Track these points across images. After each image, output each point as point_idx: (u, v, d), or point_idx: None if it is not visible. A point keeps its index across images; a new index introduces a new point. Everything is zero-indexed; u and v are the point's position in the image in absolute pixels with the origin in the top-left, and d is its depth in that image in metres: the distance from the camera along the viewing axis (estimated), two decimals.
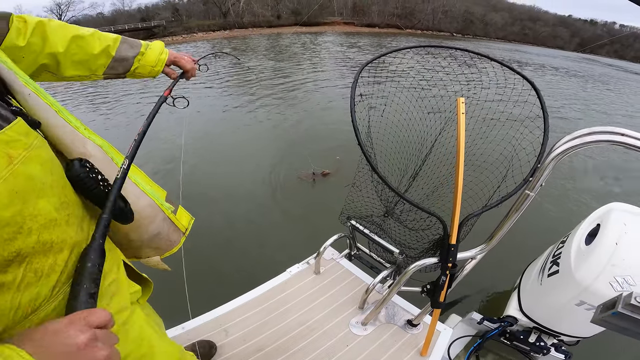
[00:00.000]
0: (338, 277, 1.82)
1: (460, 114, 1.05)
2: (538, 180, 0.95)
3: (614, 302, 0.53)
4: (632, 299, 0.49)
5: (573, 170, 4.72)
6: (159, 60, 0.97)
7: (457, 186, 1.02)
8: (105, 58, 0.84)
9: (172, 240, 0.80)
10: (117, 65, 0.87)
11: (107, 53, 0.84)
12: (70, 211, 0.48)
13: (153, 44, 0.96)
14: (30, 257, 0.41)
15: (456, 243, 1.07)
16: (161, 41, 0.99)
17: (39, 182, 0.43)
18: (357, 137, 1.05)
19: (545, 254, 1.81)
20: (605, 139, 0.85)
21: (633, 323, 0.50)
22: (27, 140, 0.43)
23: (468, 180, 1.23)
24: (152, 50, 0.95)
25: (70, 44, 0.75)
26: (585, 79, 15.97)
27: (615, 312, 0.51)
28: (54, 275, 0.45)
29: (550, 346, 1.63)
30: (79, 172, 0.52)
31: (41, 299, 0.44)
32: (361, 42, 23.73)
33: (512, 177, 1.09)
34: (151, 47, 0.95)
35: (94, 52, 0.80)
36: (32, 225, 0.41)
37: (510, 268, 2.47)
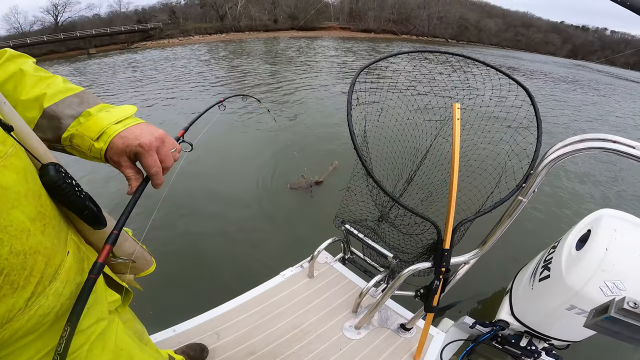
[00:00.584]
0: (332, 280, 1.82)
1: (455, 120, 1.06)
2: (531, 187, 0.96)
3: (607, 306, 0.53)
4: (625, 304, 0.50)
5: (565, 176, 4.79)
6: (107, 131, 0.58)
7: (452, 191, 1.03)
8: (36, 111, 0.57)
9: (147, 260, 0.78)
10: (44, 125, 0.57)
11: (39, 104, 0.57)
12: (46, 221, 0.46)
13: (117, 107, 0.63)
14: (6, 269, 0.40)
15: (450, 248, 1.07)
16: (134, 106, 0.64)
17: (13, 192, 0.41)
18: (353, 142, 1.06)
19: (537, 259, 1.83)
20: (597, 146, 0.86)
21: (626, 327, 0.51)
22: (3, 148, 0.41)
23: (462, 186, 1.24)
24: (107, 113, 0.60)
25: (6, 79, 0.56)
26: (577, 85, 16.28)
27: (608, 316, 0.52)
28: (29, 287, 0.44)
29: (541, 350, 1.64)
30: (55, 178, 0.48)
31: (16, 310, 0.43)
32: (357, 48, 23.93)
33: (506, 183, 1.10)
34: (108, 110, 0.61)
35: (21, 97, 0.56)
36: (2, 236, 0.39)
37: (502, 272, 2.49)
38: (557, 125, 7.64)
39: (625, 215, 1.61)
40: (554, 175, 4.70)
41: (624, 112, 11.13)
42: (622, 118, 10.07)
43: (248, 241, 3.03)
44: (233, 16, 47.85)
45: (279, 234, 3.14)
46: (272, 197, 3.73)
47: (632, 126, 9.10)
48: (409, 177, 1.47)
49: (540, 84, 14.53)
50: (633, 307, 0.49)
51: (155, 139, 0.59)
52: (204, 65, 14.79)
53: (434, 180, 1.43)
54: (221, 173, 4.30)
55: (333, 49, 22.02)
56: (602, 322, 0.53)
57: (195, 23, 45.74)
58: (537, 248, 2.00)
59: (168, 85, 10.52)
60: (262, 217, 3.38)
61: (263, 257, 2.79)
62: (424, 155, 1.43)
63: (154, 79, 11.93)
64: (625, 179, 5.01)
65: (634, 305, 0.49)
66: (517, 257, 2.29)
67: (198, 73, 12.60)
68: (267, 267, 2.03)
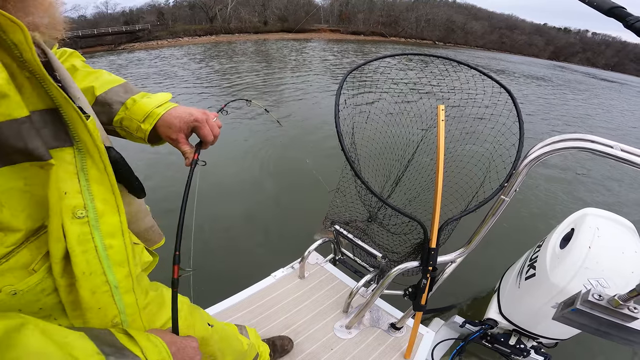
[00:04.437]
0: (323, 281, 1.83)
1: (440, 121, 1.08)
2: (512, 186, 0.99)
3: (574, 299, 0.55)
4: (590, 296, 0.52)
5: (548, 176, 4.91)
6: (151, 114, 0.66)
7: (437, 191, 1.05)
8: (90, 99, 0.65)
9: (160, 234, 0.83)
10: (98, 111, 0.65)
11: (91, 93, 0.66)
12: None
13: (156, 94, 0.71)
14: None
15: (436, 247, 1.09)
16: (169, 93, 0.73)
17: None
18: (340, 143, 1.07)
19: (523, 258, 1.87)
20: (575, 146, 0.89)
21: (590, 319, 0.53)
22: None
23: (448, 186, 1.26)
24: (149, 99, 0.69)
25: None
26: (559, 86, 16.74)
27: (574, 308, 0.54)
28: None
29: (530, 348, 1.65)
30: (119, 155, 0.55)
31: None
32: (346, 49, 24.07)
33: (489, 182, 1.13)
34: (149, 96, 0.70)
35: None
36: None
37: (491, 271, 2.53)
38: (539, 125, 7.83)
39: (607, 214, 1.67)
40: (540, 174, 4.81)
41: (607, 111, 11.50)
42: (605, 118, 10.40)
43: (239, 242, 3.01)
44: (223, 18, 47.59)
45: (269, 234, 3.13)
46: (262, 198, 3.72)
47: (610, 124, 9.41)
48: (397, 177, 1.49)
49: (523, 85, 14.90)
50: (598, 299, 0.51)
51: (202, 113, 0.70)
52: (196, 67, 14.64)
53: (421, 181, 1.46)
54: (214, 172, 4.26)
55: (323, 50, 22.13)
56: (569, 314, 0.55)
57: (185, 25, 45.29)
58: (524, 247, 2.04)
59: (161, 88, 10.38)
60: (251, 217, 3.37)
61: (254, 258, 2.78)
62: (411, 156, 1.45)
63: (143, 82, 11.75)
64: (612, 178, 5.16)
65: (599, 298, 0.52)
66: (505, 256, 2.33)
67: (191, 75, 12.46)
68: (258, 268, 2.02)
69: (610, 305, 0.50)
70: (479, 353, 1.91)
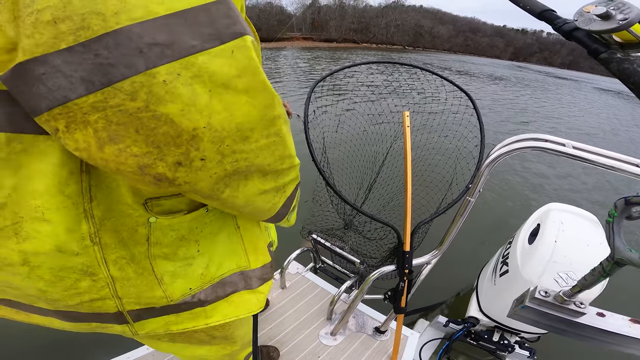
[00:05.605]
0: (304, 290, 1.82)
1: (405, 127, 1.12)
2: (476, 187, 1.03)
3: (524, 297, 0.59)
4: (537, 293, 0.55)
5: (515, 173, 5.16)
6: None
7: (407, 196, 1.08)
8: None
9: None
10: None
11: None
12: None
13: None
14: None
15: (410, 250, 1.12)
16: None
17: None
18: (311, 154, 1.08)
19: (496, 255, 1.92)
20: (531, 145, 0.93)
21: (540, 316, 0.56)
22: None
23: (420, 190, 1.30)
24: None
25: None
26: (521, 86, 17.75)
27: (523, 306, 0.57)
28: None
29: (514, 344, 1.68)
30: None
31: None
32: (319, 56, 24.37)
33: (456, 184, 1.17)
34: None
35: None
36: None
37: (471, 270, 2.60)
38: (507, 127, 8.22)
39: (570, 208, 1.75)
40: (507, 172, 5.05)
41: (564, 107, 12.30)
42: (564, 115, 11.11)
43: None
44: None
45: None
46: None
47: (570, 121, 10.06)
48: (369, 184, 1.52)
49: (485, 85, 15.67)
50: (544, 296, 0.55)
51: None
52: None
53: (393, 186, 1.49)
54: None
55: (296, 59, 22.25)
56: (520, 311, 0.58)
57: None
58: (497, 244, 2.10)
59: None
60: None
61: None
62: (381, 163, 1.49)
63: None
64: (571, 173, 5.49)
65: (545, 294, 0.55)
66: (481, 254, 2.40)
67: None
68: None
69: (557, 302, 0.54)
70: (467, 351, 1.94)
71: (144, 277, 0.52)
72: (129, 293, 0.52)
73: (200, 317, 0.62)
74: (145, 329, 0.59)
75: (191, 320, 0.62)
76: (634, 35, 0.40)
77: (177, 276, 0.55)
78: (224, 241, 0.61)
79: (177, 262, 0.54)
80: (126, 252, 0.49)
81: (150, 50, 0.28)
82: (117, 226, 0.47)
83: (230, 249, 0.62)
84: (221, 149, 0.34)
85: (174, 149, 0.32)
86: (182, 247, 0.53)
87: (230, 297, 0.65)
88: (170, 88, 0.30)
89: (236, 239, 0.63)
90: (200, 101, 0.31)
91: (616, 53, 0.42)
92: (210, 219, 0.56)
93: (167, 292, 0.55)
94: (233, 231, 0.62)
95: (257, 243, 0.67)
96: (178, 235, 0.52)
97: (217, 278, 0.61)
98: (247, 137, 0.36)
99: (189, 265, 0.55)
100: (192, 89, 0.30)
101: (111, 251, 0.48)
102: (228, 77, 0.32)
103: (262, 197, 0.46)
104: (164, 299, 0.55)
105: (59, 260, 0.44)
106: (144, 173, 0.33)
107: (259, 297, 0.70)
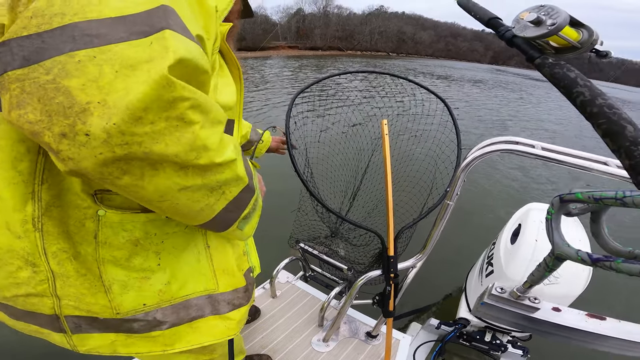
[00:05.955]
0: (295, 298, 1.83)
1: (384, 135, 1.15)
2: (454, 190, 1.07)
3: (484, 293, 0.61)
4: (494, 289, 0.58)
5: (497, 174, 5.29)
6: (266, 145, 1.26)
7: (388, 202, 1.11)
8: (243, 139, 1.09)
9: None
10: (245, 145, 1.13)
11: (245, 136, 1.10)
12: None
13: (265, 134, 1.22)
14: None
15: (395, 254, 1.14)
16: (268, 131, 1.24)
17: None
18: (293, 165, 1.10)
19: (482, 256, 1.96)
20: (502, 148, 0.97)
21: (499, 312, 0.59)
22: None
23: (403, 195, 1.33)
24: (266, 138, 1.23)
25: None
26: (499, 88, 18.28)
27: (483, 302, 0.59)
28: None
29: (506, 343, 1.68)
30: None
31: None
32: (305, 64, 24.57)
33: (436, 189, 1.21)
34: (264, 136, 1.21)
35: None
36: None
37: (461, 272, 2.63)
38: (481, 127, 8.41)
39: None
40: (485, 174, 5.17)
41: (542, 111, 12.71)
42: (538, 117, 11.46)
43: None
44: None
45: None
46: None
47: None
48: (353, 192, 1.55)
49: (466, 89, 16.09)
50: (500, 292, 0.57)
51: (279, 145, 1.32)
52: None
53: (377, 193, 1.52)
54: None
55: (282, 68, 22.38)
56: (480, 308, 0.60)
57: None
58: (482, 245, 2.14)
59: None
60: None
61: None
62: (364, 171, 1.52)
63: None
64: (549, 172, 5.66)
65: (501, 290, 0.58)
66: (469, 256, 2.43)
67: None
68: None
69: (512, 298, 0.56)
70: (462, 352, 1.94)
71: (86, 279, 0.50)
72: (68, 293, 0.50)
73: (158, 342, 0.59)
74: (87, 345, 0.55)
75: (147, 344, 0.58)
76: (565, 40, 0.41)
77: (130, 288, 0.52)
78: (191, 260, 0.58)
79: (132, 273, 0.52)
80: (69, 245, 0.48)
81: (81, 39, 0.32)
82: (63, 216, 0.47)
83: (196, 269, 0.60)
84: (107, 126, 0.33)
85: (62, 119, 0.33)
86: (137, 255, 0.51)
87: (195, 323, 0.62)
88: (80, 66, 0.32)
89: (204, 259, 0.61)
90: (104, 79, 0.33)
91: (548, 58, 0.42)
92: (174, 229, 0.54)
93: (113, 303, 0.52)
94: (202, 250, 0.60)
95: (227, 265, 0.64)
96: (131, 237, 0.50)
97: (180, 298, 0.58)
98: (140, 117, 0.34)
99: (146, 278, 0.53)
100: (100, 68, 0.33)
101: (52, 241, 0.47)
102: (138, 61, 0.34)
103: (186, 194, 0.43)
104: (109, 310, 0.52)
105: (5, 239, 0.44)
106: (38, 142, 0.35)
107: (228, 325, 0.66)
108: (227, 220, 0.53)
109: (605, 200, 0.43)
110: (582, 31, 0.41)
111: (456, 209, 1.05)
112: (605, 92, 0.36)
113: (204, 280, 0.61)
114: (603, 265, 0.44)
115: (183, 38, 0.37)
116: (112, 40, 0.33)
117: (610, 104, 0.33)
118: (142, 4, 0.35)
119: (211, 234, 0.61)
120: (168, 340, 0.60)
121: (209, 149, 0.41)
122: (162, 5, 0.36)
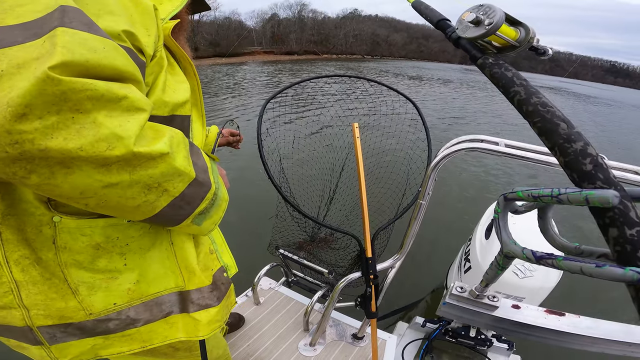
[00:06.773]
0: (279, 304, 1.81)
1: (356, 138, 1.16)
2: (425, 190, 1.09)
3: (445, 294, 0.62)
4: (454, 289, 0.60)
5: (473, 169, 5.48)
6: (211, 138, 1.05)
7: (363, 204, 1.12)
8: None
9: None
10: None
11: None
12: None
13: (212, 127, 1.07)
14: None
15: (373, 256, 1.16)
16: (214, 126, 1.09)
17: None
18: (267, 172, 1.09)
19: (460, 253, 2.00)
20: (469, 147, 0.99)
21: (462, 311, 0.60)
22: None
23: (380, 196, 1.35)
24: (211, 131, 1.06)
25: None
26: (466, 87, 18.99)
27: (444, 302, 0.61)
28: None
29: (491, 337, 1.70)
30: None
31: None
32: (280, 69, 24.55)
33: (410, 189, 1.23)
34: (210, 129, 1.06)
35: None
36: None
37: (443, 268, 2.68)
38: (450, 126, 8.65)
39: None
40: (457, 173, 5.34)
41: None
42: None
43: None
44: None
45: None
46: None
47: None
48: (330, 196, 1.55)
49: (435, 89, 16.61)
50: (460, 292, 0.59)
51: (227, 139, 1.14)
52: None
53: (353, 196, 1.53)
54: None
55: (258, 73, 22.25)
56: (443, 307, 0.62)
57: None
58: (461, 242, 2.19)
59: None
60: None
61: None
62: (339, 175, 1.53)
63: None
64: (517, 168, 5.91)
65: (461, 290, 0.59)
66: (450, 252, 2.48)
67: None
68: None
69: (472, 297, 0.58)
70: (449, 349, 1.93)
71: (52, 283, 0.49)
72: (36, 302, 0.49)
73: (136, 339, 0.59)
74: (68, 355, 0.55)
75: (125, 343, 0.59)
76: (503, 39, 0.41)
77: (97, 288, 0.52)
78: (158, 258, 0.59)
79: (97, 274, 0.52)
80: (30, 251, 0.47)
81: None
82: (20, 224, 0.46)
83: (165, 267, 0.60)
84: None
85: None
86: (101, 257, 0.51)
87: (171, 318, 0.63)
88: None
89: (170, 256, 0.61)
90: None
91: (489, 58, 0.42)
92: (139, 232, 0.54)
93: (84, 304, 0.52)
94: (167, 247, 0.60)
95: (188, 262, 0.64)
96: (91, 242, 0.50)
97: (151, 296, 0.59)
98: (24, 114, 0.32)
99: (113, 278, 0.53)
100: None
101: (13, 248, 0.46)
102: (26, 60, 0.33)
103: (115, 191, 0.41)
104: (82, 312, 0.52)
105: None
106: None
107: (197, 325, 0.66)
108: (176, 216, 0.52)
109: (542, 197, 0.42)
110: (520, 29, 0.41)
111: (433, 206, 1.07)
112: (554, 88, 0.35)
113: (174, 277, 0.62)
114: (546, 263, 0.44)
115: (80, 33, 0.36)
116: (5, 44, 0.33)
117: (544, 102, 0.34)
118: (42, 10, 0.36)
119: (174, 232, 0.61)
120: (145, 337, 0.60)
121: (124, 137, 0.38)
122: (61, 6, 0.36)
